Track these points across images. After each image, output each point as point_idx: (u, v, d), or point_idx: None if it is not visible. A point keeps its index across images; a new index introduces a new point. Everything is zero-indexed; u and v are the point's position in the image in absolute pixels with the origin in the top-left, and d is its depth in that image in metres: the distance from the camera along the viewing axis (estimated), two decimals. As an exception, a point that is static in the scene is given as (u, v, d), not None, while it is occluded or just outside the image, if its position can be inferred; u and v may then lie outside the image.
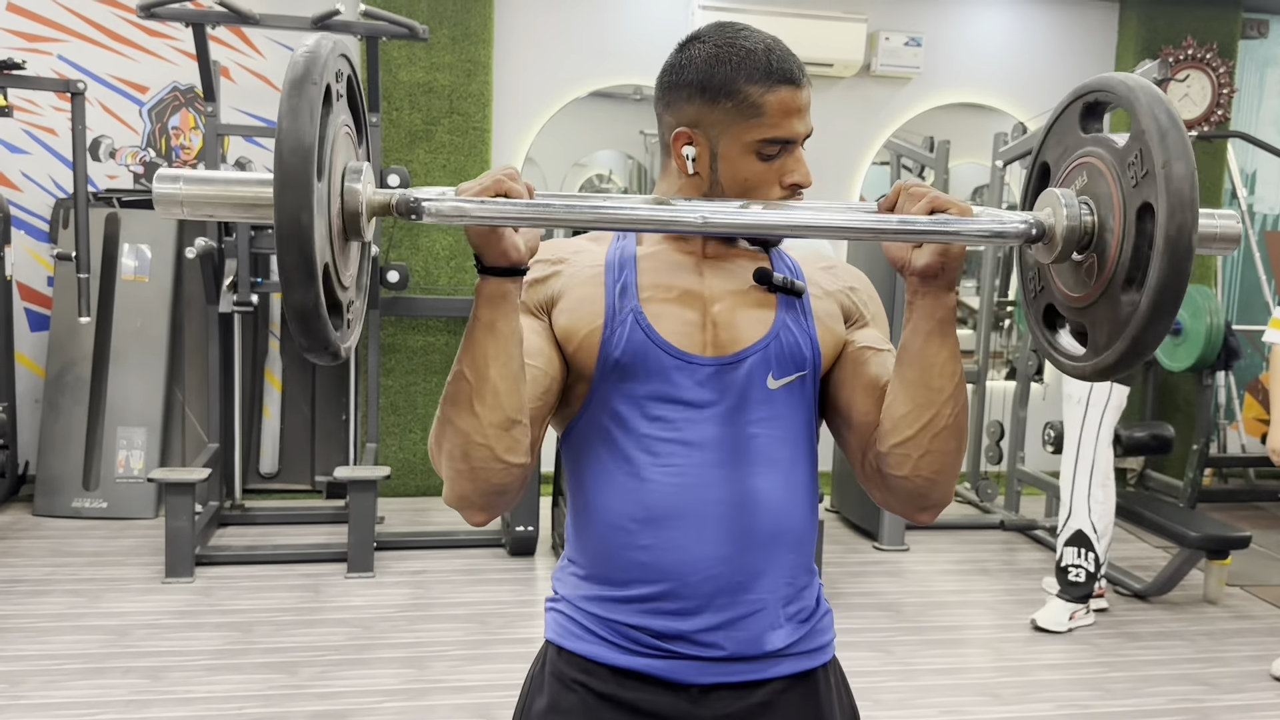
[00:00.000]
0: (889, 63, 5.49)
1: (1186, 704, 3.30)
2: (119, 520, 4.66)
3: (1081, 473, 3.85)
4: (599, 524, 1.24)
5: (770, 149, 1.20)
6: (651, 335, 1.21)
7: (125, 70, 4.97)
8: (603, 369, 1.21)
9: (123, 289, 4.82)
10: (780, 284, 1.24)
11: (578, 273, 1.25)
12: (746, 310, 1.24)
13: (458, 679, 3.26)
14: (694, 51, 1.21)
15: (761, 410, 1.22)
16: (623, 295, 1.23)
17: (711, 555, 1.20)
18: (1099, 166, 1.07)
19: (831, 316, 1.28)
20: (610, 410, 1.22)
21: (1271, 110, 6.12)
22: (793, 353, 1.23)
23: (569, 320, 1.22)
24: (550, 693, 1.26)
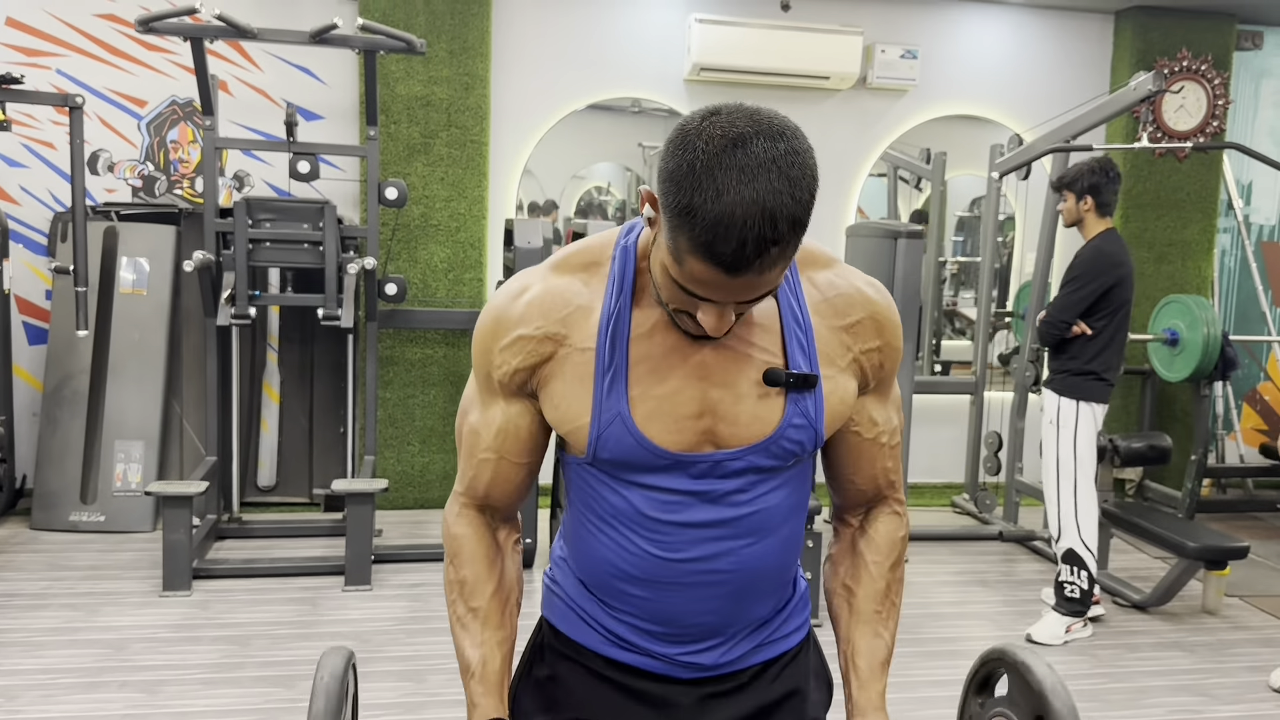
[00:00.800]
0: (885, 75, 5.50)
1: (1185, 715, 3.30)
2: (116, 534, 4.65)
3: (1065, 494, 3.85)
4: (591, 559, 1.29)
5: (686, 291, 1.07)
6: (641, 440, 1.17)
7: (123, 84, 4.99)
8: (593, 458, 1.21)
9: (121, 302, 4.82)
10: (791, 383, 1.18)
11: (568, 356, 1.18)
12: (750, 405, 1.18)
13: (455, 692, 3.25)
14: (701, 135, 1.01)
15: (756, 489, 1.22)
16: (611, 392, 1.16)
17: (701, 610, 1.26)
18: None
19: (843, 401, 1.23)
20: (605, 483, 1.23)
21: (1267, 121, 6.14)
22: (794, 449, 1.21)
23: (555, 413, 1.22)
24: (550, 663, 1.36)
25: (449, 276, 5.17)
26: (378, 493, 4.16)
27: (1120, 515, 4.25)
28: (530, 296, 1.20)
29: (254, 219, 4.36)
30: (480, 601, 1.30)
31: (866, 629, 1.33)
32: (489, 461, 1.28)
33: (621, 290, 1.18)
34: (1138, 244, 5.71)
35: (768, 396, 1.18)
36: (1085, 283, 3.77)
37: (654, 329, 1.18)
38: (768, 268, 1.00)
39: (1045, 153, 4.62)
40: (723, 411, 1.17)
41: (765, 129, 1.00)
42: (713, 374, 1.17)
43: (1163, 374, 5.33)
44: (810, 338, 1.20)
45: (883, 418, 1.30)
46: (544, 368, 1.20)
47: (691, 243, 1.00)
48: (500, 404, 1.25)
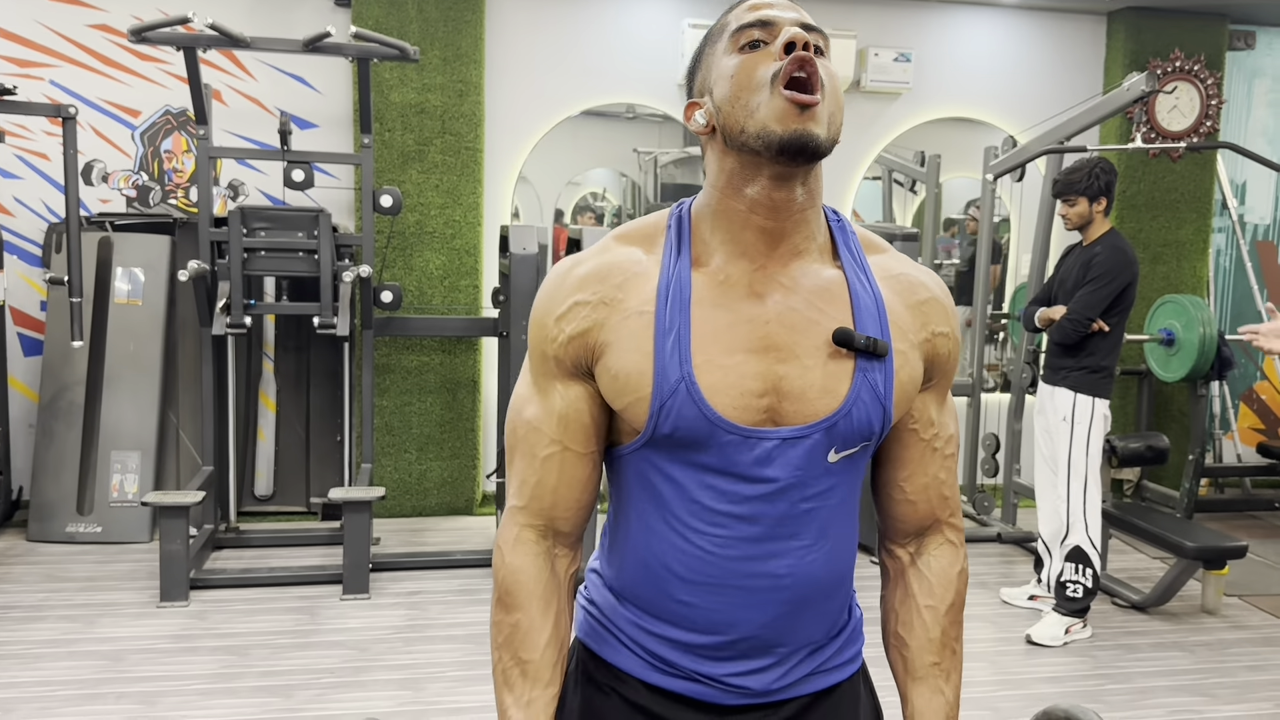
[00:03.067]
0: (879, 78, 5.51)
1: (1186, 715, 3.29)
2: (113, 545, 4.64)
3: (1076, 489, 3.85)
4: (639, 562, 1.19)
5: (746, 38, 1.09)
6: (706, 411, 1.08)
7: (117, 94, 4.99)
8: (652, 434, 1.12)
9: (116, 313, 4.81)
10: (863, 347, 1.10)
11: (625, 321, 1.12)
12: (819, 375, 1.10)
13: (454, 700, 3.24)
14: None
15: (820, 484, 1.14)
16: (674, 357, 1.08)
17: (753, 620, 1.16)
18: None
19: (912, 379, 1.16)
20: (659, 468, 1.14)
21: (1260, 121, 6.16)
22: (862, 428, 1.12)
23: (613, 384, 1.12)
24: (584, 694, 1.24)
25: (445, 284, 5.17)
26: (375, 501, 4.15)
27: (1118, 516, 4.25)
28: (587, 268, 1.15)
29: (249, 228, 4.35)
30: (532, 654, 1.17)
31: (924, 687, 1.23)
32: (553, 457, 1.16)
33: (680, 252, 1.13)
34: (1133, 244, 5.71)
35: (836, 366, 1.10)
36: (1108, 280, 3.78)
37: (716, 295, 1.11)
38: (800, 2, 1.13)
39: (1039, 154, 4.62)
40: (788, 387, 1.10)
41: None
42: (779, 345, 1.10)
43: (1159, 374, 5.33)
44: (881, 306, 1.14)
45: (939, 421, 1.22)
46: (601, 333, 1.12)
47: (728, 14, 1.14)
48: (559, 388, 1.15)
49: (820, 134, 1.05)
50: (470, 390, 5.25)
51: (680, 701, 1.19)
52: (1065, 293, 3.95)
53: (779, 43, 1.06)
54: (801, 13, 1.11)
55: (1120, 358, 5.58)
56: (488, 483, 5.43)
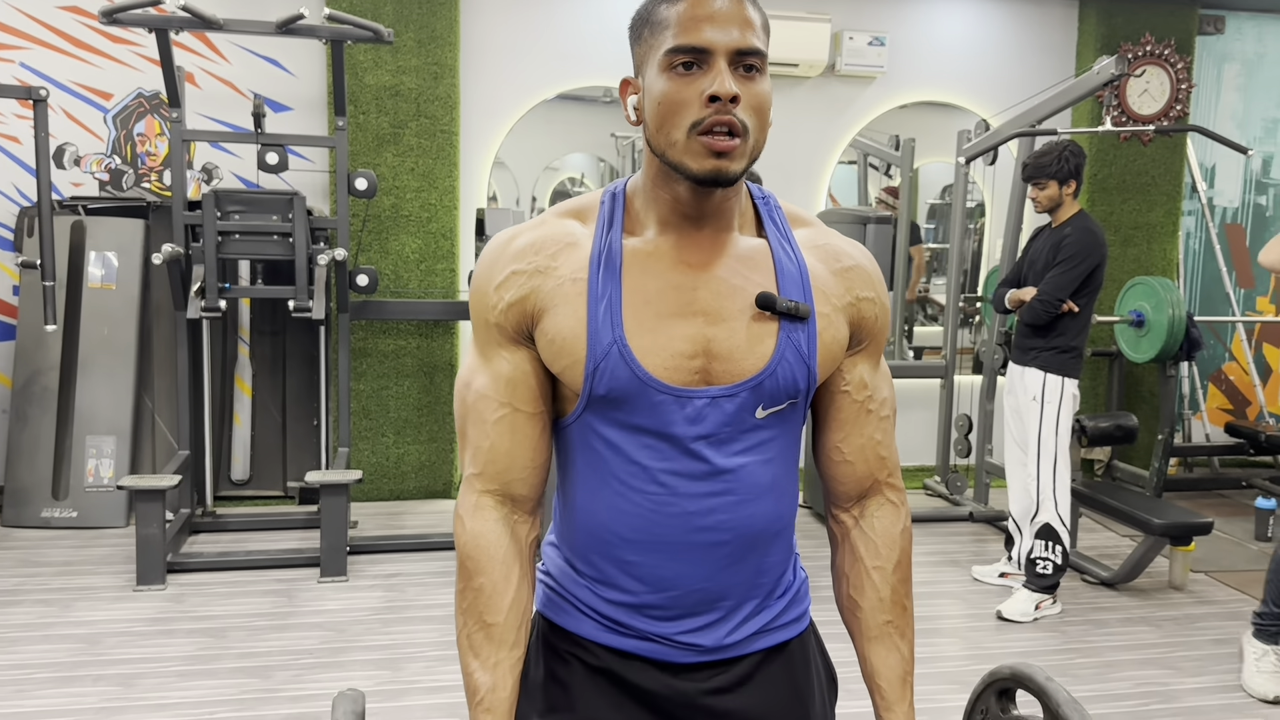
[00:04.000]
0: (853, 62, 5.54)
1: (1152, 687, 3.36)
2: (89, 529, 4.63)
3: (1045, 468, 3.91)
4: (584, 526, 1.24)
5: (680, 59, 1.10)
6: (638, 371, 1.14)
7: (89, 77, 4.95)
8: (588, 397, 1.17)
9: (89, 297, 4.79)
10: (785, 309, 1.16)
11: (559, 287, 1.17)
12: (745, 337, 1.16)
13: (433, 679, 3.27)
14: None
15: (750, 438, 1.19)
16: (606, 321, 1.14)
17: (694, 573, 1.21)
18: None
19: (837, 340, 1.22)
20: (598, 433, 1.19)
21: (1229, 105, 6.22)
22: (788, 386, 1.18)
23: (550, 349, 1.17)
24: (545, 663, 1.28)
25: (421, 267, 5.17)
26: (352, 484, 4.16)
27: (1088, 494, 4.31)
28: (523, 239, 1.20)
29: (223, 211, 4.34)
30: (496, 617, 1.20)
31: (880, 645, 1.28)
32: (504, 419, 1.20)
33: (612, 225, 1.19)
34: (1104, 227, 5.77)
35: (761, 328, 1.16)
36: (1078, 262, 3.83)
37: (647, 261, 1.17)
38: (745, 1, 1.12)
39: (1011, 137, 4.66)
40: (716, 349, 1.15)
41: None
42: (707, 309, 1.16)
43: (1129, 355, 5.40)
44: (804, 272, 1.20)
45: (873, 384, 1.27)
46: (538, 299, 1.17)
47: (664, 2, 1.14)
48: (504, 354, 1.20)
49: (735, 169, 1.12)
50: (447, 374, 5.25)
51: (638, 661, 1.24)
52: (1035, 274, 4.00)
53: (706, 89, 1.09)
54: (744, 25, 1.12)
55: (1091, 339, 5.65)
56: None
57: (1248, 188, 6.30)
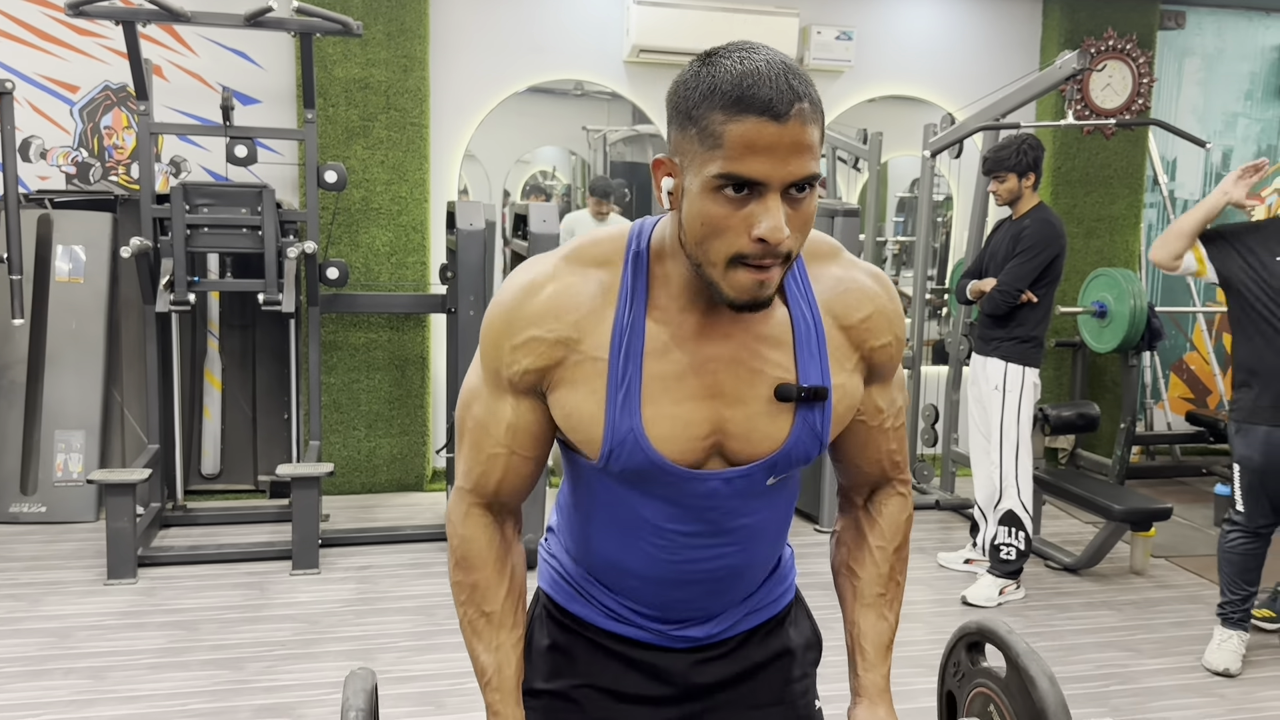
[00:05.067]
0: (821, 56, 5.58)
1: (1112, 669, 3.44)
2: (58, 524, 4.61)
3: (1008, 456, 3.98)
4: (590, 546, 1.33)
5: (729, 189, 1.02)
6: (653, 457, 1.16)
7: (55, 69, 4.91)
8: (604, 467, 1.20)
9: (57, 291, 4.76)
10: (803, 397, 1.17)
11: (579, 365, 1.16)
12: (760, 422, 1.18)
13: (405, 669, 3.29)
14: (695, 69, 1.06)
15: (758, 502, 1.25)
16: (625, 409, 1.15)
17: (696, 603, 1.32)
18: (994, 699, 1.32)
19: (850, 405, 1.24)
20: (608, 491, 1.24)
21: (1190, 99, 6.33)
22: (799, 460, 1.22)
23: (567, 422, 1.19)
24: (550, 633, 1.38)
25: (391, 260, 5.17)
26: (324, 477, 4.17)
27: (1052, 481, 4.39)
28: (544, 296, 1.16)
29: (191, 204, 4.33)
30: (494, 605, 1.28)
31: (871, 612, 1.35)
32: (499, 457, 1.24)
33: (634, 301, 1.15)
34: (1067, 219, 5.86)
35: (777, 412, 1.18)
36: (1036, 253, 3.90)
37: (668, 345, 1.16)
38: (805, 119, 1.00)
39: (975, 130, 4.73)
40: (732, 430, 1.17)
41: (759, 44, 1.06)
42: (725, 392, 1.16)
43: (1092, 345, 5.49)
44: (823, 344, 1.19)
45: (886, 403, 1.30)
46: (556, 371, 1.17)
47: (724, 107, 1.00)
48: (509, 400, 1.21)
49: (772, 292, 1.08)
50: (419, 367, 5.26)
51: (633, 644, 1.35)
52: (996, 265, 4.06)
53: (755, 230, 1.02)
54: (802, 153, 1.01)
55: (1054, 329, 5.74)
56: (438, 458, 5.46)
57: (1208, 180, 6.41)
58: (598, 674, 1.35)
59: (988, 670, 1.42)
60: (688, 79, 1.05)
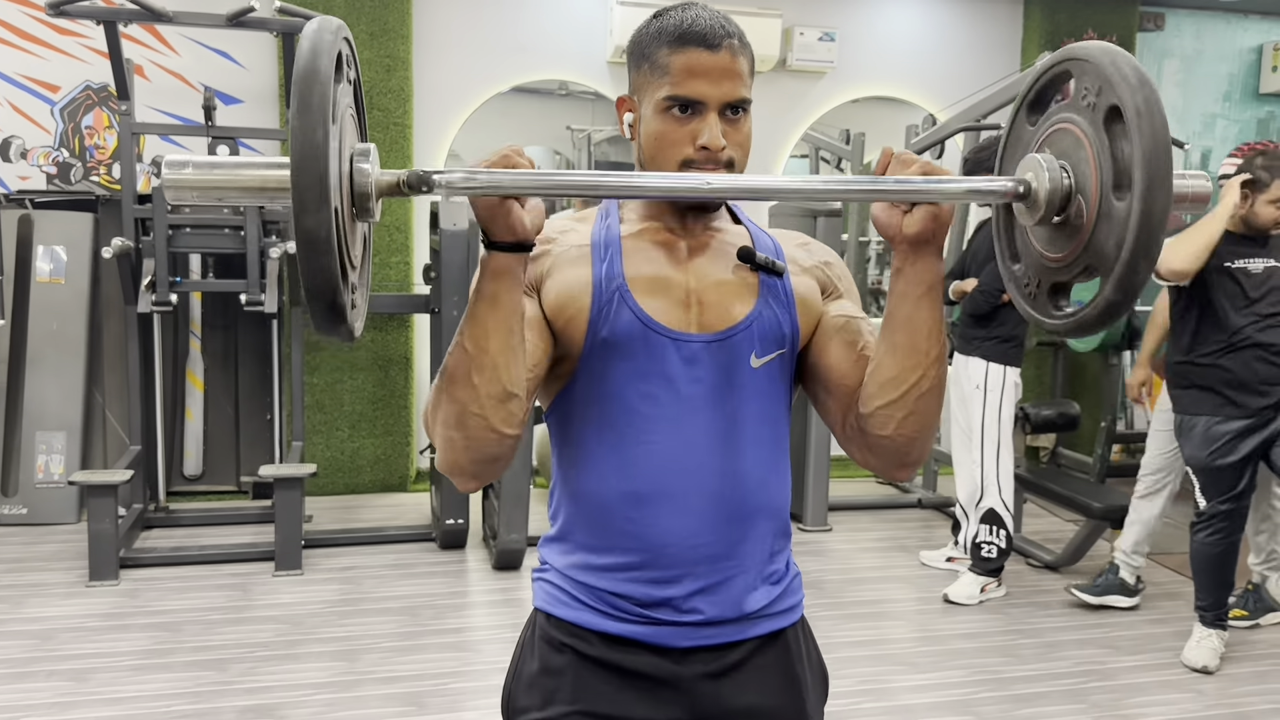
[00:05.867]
0: (804, 57, 5.61)
1: (1091, 666, 3.47)
2: (40, 526, 4.59)
3: (989, 454, 4.01)
4: (586, 496, 1.28)
5: (675, 108, 1.23)
6: (638, 313, 1.24)
7: (35, 69, 4.89)
8: (590, 345, 1.24)
9: (38, 291, 4.74)
10: (763, 263, 1.29)
11: (565, 252, 1.28)
12: (730, 290, 1.28)
13: (388, 670, 3.29)
14: (644, 23, 1.28)
15: (745, 389, 1.27)
16: (609, 274, 1.25)
17: (695, 528, 1.25)
18: (1073, 130, 1.11)
19: (810, 292, 1.32)
20: (598, 386, 1.25)
21: (1169, 99, 6.37)
22: (774, 331, 1.28)
23: (557, 298, 1.25)
24: (540, 656, 1.32)
25: (375, 260, 5.16)
26: (307, 477, 4.16)
27: (1032, 480, 4.43)
28: None
29: (173, 205, 4.31)
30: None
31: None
32: None
33: (609, 220, 1.33)
34: (1049, 220, 5.90)
35: (744, 283, 1.29)
36: None
37: (640, 238, 1.30)
38: (736, 52, 1.23)
39: (956, 131, 4.76)
40: (706, 299, 1.27)
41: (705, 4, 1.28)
42: (695, 269, 1.28)
43: (1073, 345, 5.53)
44: (777, 246, 1.35)
45: (855, 310, 1.34)
46: (545, 263, 1.28)
47: (669, 43, 1.23)
48: None
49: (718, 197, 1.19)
50: (402, 367, 5.26)
51: (635, 646, 1.28)
52: (977, 266, 4.09)
53: (698, 139, 1.23)
54: (734, 78, 1.23)
55: (1035, 329, 5.77)
56: (421, 459, 5.45)
57: (1187, 181, 6.46)
58: (592, 698, 1.28)
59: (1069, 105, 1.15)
60: (641, 29, 1.28)
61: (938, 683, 3.31)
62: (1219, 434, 3.36)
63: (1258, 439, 3.35)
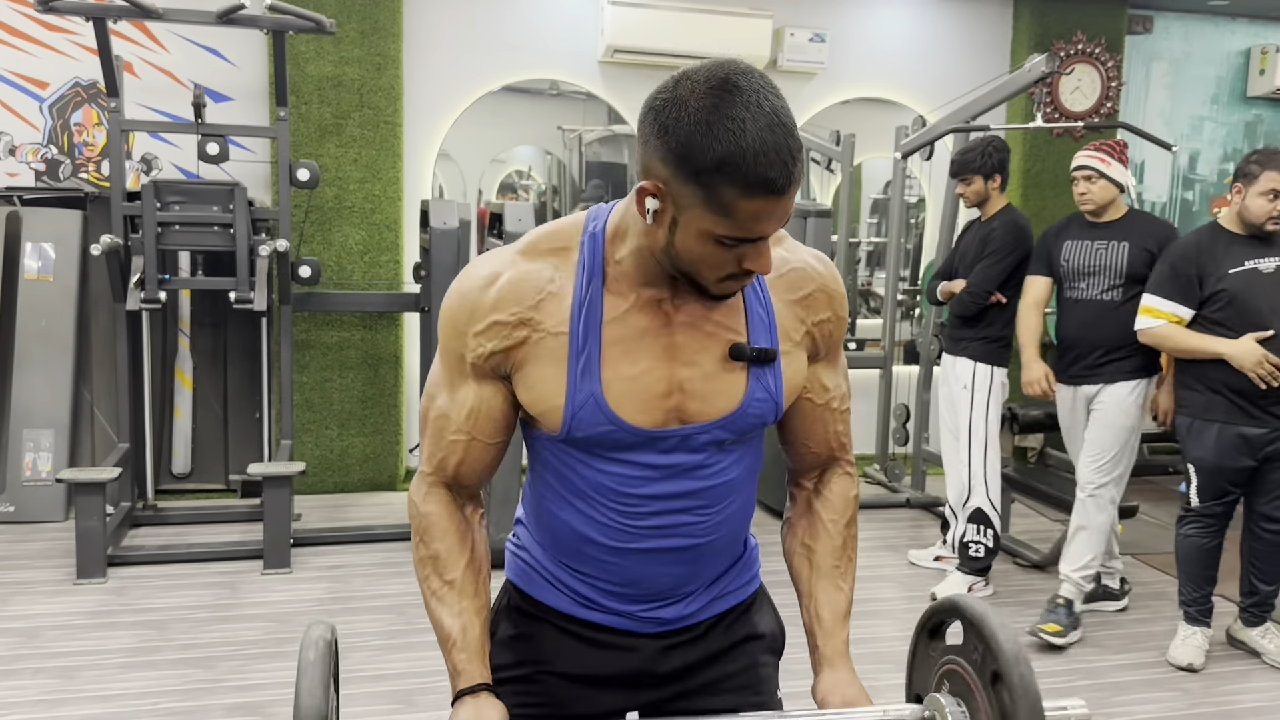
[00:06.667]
0: (794, 58, 5.62)
1: (1077, 665, 3.49)
2: (27, 524, 4.57)
3: (976, 455, 4.02)
4: (557, 529, 1.34)
5: (730, 242, 1.12)
6: (614, 420, 1.22)
7: (24, 65, 4.87)
8: (565, 438, 1.25)
9: (26, 289, 4.72)
10: (755, 358, 1.25)
11: (541, 340, 1.22)
12: (717, 381, 1.24)
13: (376, 668, 3.29)
14: (683, 101, 1.07)
15: (721, 462, 1.29)
16: (585, 375, 1.21)
17: (661, 574, 1.33)
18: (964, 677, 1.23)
19: (799, 373, 1.31)
20: (573, 459, 1.28)
21: (1157, 102, 6.41)
22: (757, 421, 1.28)
23: (529, 395, 1.24)
24: (514, 622, 1.41)
25: (364, 259, 5.16)
26: (295, 476, 4.15)
27: (1020, 480, 4.44)
28: (503, 283, 1.22)
29: (163, 202, 4.31)
30: (455, 574, 1.29)
31: (827, 583, 1.38)
32: (459, 443, 1.28)
33: (592, 277, 1.22)
34: (1037, 221, 5.89)
35: (732, 373, 1.25)
36: (1004, 255, 3.95)
37: (626, 314, 1.22)
38: (799, 178, 1.09)
39: (946, 133, 4.78)
40: (690, 389, 1.23)
41: (734, 67, 1.09)
42: (681, 354, 1.23)
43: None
44: (771, 314, 1.28)
45: (833, 384, 1.37)
46: (518, 351, 1.22)
47: (741, 186, 1.06)
48: (472, 385, 1.26)
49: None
50: (392, 366, 5.25)
51: (601, 629, 1.36)
52: (965, 266, 4.11)
53: (744, 262, 1.15)
54: (790, 209, 1.12)
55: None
56: (411, 457, 5.45)
57: (1175, 183, 6.50)
58: (561, 659, 1.37)
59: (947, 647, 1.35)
60: (691, 129, 1.06)
61: (925, 681, 3.32)
62: (1233, 437, 3.34)
63: (1269, 449, 3.33)
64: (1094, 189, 3.66)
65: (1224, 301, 3.31)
